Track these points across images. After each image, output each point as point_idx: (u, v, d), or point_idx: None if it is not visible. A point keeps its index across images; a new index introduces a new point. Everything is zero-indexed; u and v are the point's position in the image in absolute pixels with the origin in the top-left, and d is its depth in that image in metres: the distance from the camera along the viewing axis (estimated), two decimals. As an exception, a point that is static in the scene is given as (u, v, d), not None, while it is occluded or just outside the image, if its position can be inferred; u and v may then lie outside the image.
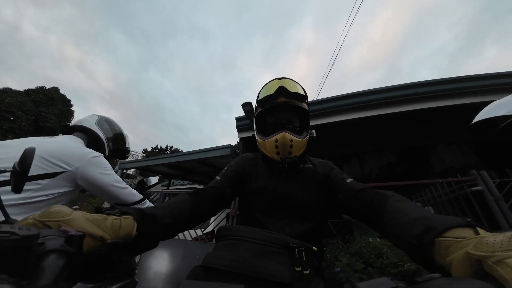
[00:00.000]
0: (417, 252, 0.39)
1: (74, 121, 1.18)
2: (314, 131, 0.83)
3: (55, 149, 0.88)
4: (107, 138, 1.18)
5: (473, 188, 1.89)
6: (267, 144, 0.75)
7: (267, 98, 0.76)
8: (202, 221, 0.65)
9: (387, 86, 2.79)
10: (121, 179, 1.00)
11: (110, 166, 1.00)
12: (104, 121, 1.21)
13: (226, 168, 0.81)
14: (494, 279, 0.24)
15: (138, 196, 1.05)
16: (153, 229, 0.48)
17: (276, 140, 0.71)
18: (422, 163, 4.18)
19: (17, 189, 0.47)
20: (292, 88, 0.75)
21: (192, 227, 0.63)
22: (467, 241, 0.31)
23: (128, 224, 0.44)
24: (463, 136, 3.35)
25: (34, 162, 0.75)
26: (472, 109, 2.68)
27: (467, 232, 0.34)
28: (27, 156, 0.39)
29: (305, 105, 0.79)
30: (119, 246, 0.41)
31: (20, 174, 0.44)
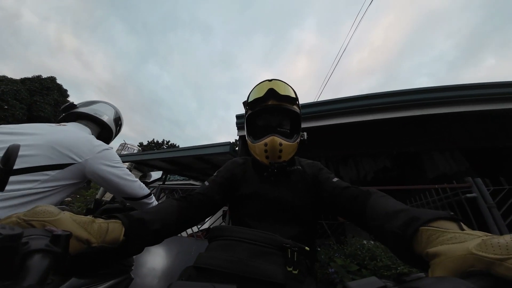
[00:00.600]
0: (398, 242, 0.39)
1: (83, 105, 1.06)
2: (305, 134, 0.82)
3: (65, 139, 0.84)
4: (115, 133, 1.17)
5: (468, 195, 1.92)
6: (257, 147, 0.74)
7: (257, 100, 0.75)
8: (189, 226, 0.65)
9: (386, 92, 2.81)
10: (130, 172, 0.95)
11: (119, 158, 0.95)
12: (118, 116, 1.17)
13: (215, 173, 0.80)
14: (476, 279, 0.25)
15: (146, 190, 1.00)
16: (141, 235, 0.48)
17: (266, 144, 0.71)
18: (416, 168, 4.23)
19: (0, 186, 0.45)
20: (282, 91, 0.74)
21: (179, 232, 0.62)
22: (453, 234, 0.31)
23: (115, 228, 0.42)
24: (457, 144, 3.40)
25: (45, 152, 0.77)
26: (468, 117, 2.73)
27: (451, 225, 0.35)
28: (12, 154, 0.38)
29: (295, 108, 0.78)
30: (105, 250, 0.40)
31: (4, 171, 0.42)
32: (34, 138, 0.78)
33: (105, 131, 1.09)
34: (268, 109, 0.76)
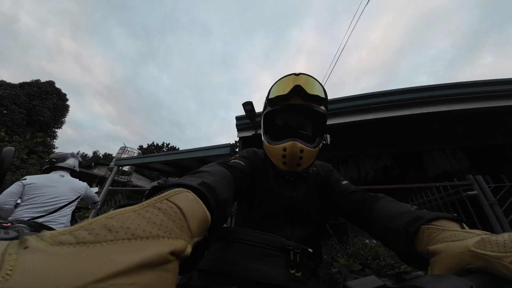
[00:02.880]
0: (400, 240, 0.39)
1: (60, 161, 1.91)
2: (328, 136, 0.74)
3: (74, 184, 1.86)
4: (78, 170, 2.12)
5: (469, 193, 1.92)
6: (274, 150, 0.66)
7: (279, 98, 0.65)
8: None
9: (384, 91, 2.82)
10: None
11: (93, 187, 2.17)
12: (80, 162, 2.10)
13: (241, 156, 0.69)
14: (474, 277, 0.25)
15: (98, 198, 2.16)
16: (222, 210, 0.34)
17: (285, 149, 0.62)
18: (417, 167, 4.23)
19: None
20: (310, 90, 0.63)
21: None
22: (453, 232, 0.32)
23: (195, 206, 0.26)
24: (458, 142, 3.40)
25: (70, 193, 1.79)
26: (468, 115, 2.73)
27: (452, 225, 0.35)
28: (5, 157, 0.38)
29: (323, 109, 0.67)
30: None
31: None
32: (60, 189, 1.74)
33: (74, 174, 1.98)
34: (292, 109, 0.67)
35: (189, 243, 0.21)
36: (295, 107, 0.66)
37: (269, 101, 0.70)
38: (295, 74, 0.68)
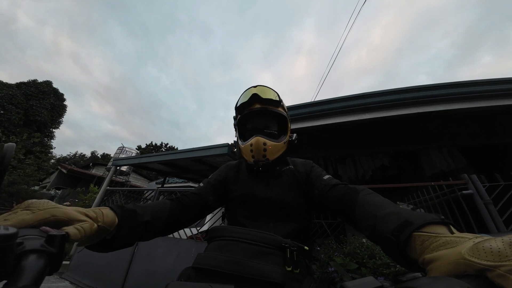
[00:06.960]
0: (391, 246, 0.39)
1: None
2: (294, 135, 0.87)
3: None
4: None
5: (464, 192, 1.93)
6: (245, 148, 0.78)
7: (243, 105, 0.80)
8: (181, 227, 0.66)
9: (381, 90, 2.82)
10: None
11: None
12: None
13: (210, 176, 0.84)
14: (471, 279, 0.25)
15: None
16: (132, 224, 0.49)
17: (251, 145, 0.74)
18: (413, 166, 4.25)
19: None
20: (264, 95, 0.78)
21: (170, 232, 0.63)
22: (445, 239, 0.32)
23: (109, 213, 0.45)
24: (455, 141, 3.43)
25: None
26: (464, 115, 2.75)
27: (442, 229, 0.35)
28: (6, 153, 0.38)
29: (280, 110, 0.81)
30: (104, 231, 0.43)
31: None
32: None
33: None
34: (254, 113, 0.80)
35: (100, 223, 0.41)
36: (256, 111, 0.80)
37: (237, 110, 0.84)
38: (253, 86, 0.84)
